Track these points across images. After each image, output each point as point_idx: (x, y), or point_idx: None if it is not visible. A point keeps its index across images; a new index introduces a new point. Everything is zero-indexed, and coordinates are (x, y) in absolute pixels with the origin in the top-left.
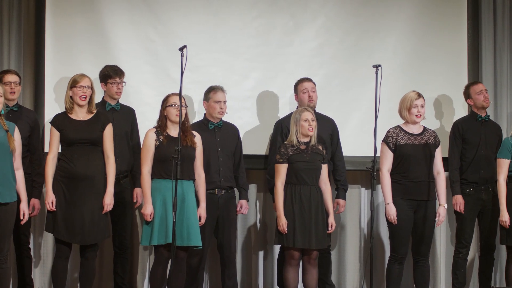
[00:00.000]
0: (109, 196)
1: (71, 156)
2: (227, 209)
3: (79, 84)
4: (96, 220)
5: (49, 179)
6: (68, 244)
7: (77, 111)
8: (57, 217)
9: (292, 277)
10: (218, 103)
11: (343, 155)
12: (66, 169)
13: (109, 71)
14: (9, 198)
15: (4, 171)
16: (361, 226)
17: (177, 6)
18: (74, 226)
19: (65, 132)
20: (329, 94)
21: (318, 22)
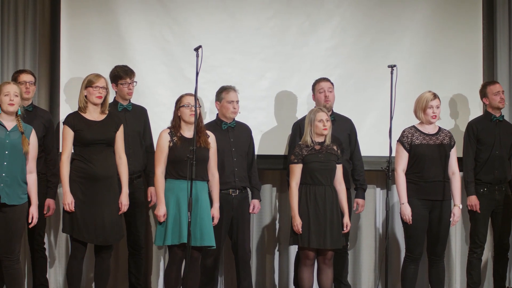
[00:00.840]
0: (126, 197)
1: (89, 156)
2: (242, 209)
3: (95, 85)
4: (115, 220)
5: (66, 180)
6: (84, 244)
7: (91, 111)
8: (76, 217)
9: (307, 277)
10: (231, 103)
11: (361, 155)
12: (84, 170)
13: (120, 71)
14: (17, 200)
15: (14, 173)
16: (376, 226)
17: (192, 6)
18: (95, 227)
19: (82, 133)
20: (344, 94)
21: (334, 22)
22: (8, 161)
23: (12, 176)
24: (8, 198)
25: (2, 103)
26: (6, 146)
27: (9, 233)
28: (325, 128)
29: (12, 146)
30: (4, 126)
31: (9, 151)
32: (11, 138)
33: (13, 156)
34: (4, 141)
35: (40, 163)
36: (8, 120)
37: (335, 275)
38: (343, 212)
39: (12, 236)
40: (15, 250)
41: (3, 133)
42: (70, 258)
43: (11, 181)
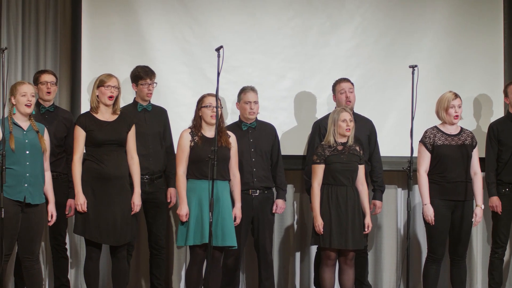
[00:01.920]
0: (138, 197)
1: (101, 157)
2: (263, 210)
3: (106, 84)
4: (127, 220)
5: (78, 180)
6: (98, 245)
7: (103, 112)
8: (88, 218)
9: (329, 277)
10: (248, 104)
11: (380, 157)
12: (96, 170)
13: (140, 72)
14: (38, 199)
15: (35, 173)
16: (398, 227)
17: (213, 7)
18: (107, 227)
19: (94, 133)
20: (365, 94)
21: (354, 23)
22: (30, 160)
23: (35, 175)
24: (32, 198)
25: (19, 104)
26: (26, 146)
27: (31, 233)
28: (348, 128)
29: (32, 145)
30: (21, 127)
31: (30, 151)
32: (29, 137)
33: (33, 156)
34: (24, 141)
35: (62, 164)
36: (22, 120)
37: (356, 275)
38: (364, 212)
39: (33, 237)
40: (36, 251)
41: (21, 134)
42: (85, 259)
43: (34, 180)
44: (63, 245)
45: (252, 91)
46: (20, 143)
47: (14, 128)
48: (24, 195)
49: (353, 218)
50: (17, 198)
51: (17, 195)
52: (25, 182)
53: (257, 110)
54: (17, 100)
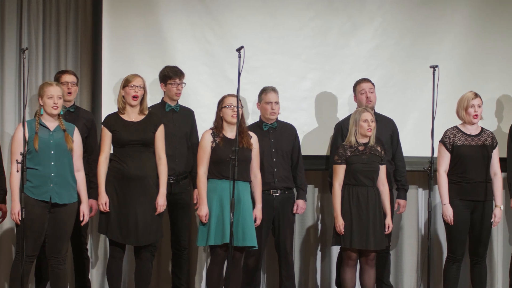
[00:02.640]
0: (162, 197)
1: (124, 157)
2: (284, 210)
3: (131, 84)
4: (149, 221)
5: (102, 180)
6: (121, 245)
7: (129, 112)
8: (110, 218)
9: (350, 277)
10: (269, 104)
11: (403, 156)
12: (118, 170)
13: (169, 72)
14: (67, 199)
15: (62, 172)
16: (419, 227)
17: (234, 7)
18: (127, 227)
19: (118, 133)
20: (386, 95)
21: (375, 23)
22: (55, 160)
23: (61, 175)
24: (59, 198)
25: (46, 106)
26: (51, 146)
27: (58, 233)
28: (370, 128)
29: (57, 145)
30: (47, 127)
31: (55, 151)
32: (55, 137)
33: (59, 155)
34: (49, 142)
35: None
36: (50, 121)
37: (377, 275)
38: (385, 213)
39: (61, 236)
40: (63, 250)
41: (47, 134)
42: (109, 258)
43: (60, 180)
44: (84, 245)
45: (273, 91)
46: (44, 143)
47: (40, 129)
48: (50, 195)
49: (374, 218)
50: (43, 198)
51: (42, 195)
52: (50, 182)
53: (278, 110)
54: (44, 102)
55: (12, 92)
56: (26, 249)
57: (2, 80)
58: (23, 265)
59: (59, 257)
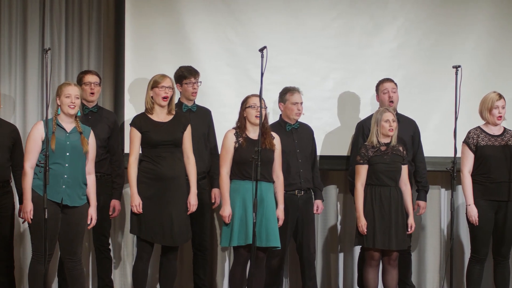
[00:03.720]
0: (194, 197)
1: (157, 157)
2: (306, 210)
3: (161, 85)
4: (183, 221)
5: (134, 182)
6: (151, 245)
7: (158, 112)
8: (144, 218)
9: (372, 277)
10: (295, 105)
11: (424, 157)
12: (152, 171)
13: (184, 71)
14: (78, 202)
15: (75, 174)
16: (441, 227)
17: (256, 7)
18: (163, 228)
19: (149, 134)
20: (409, 95)
21: (398, 23)
22: (70, 162)
23: (74, 177)
24: (70, 200)
25: (63, 105)
26: (67, 148)
27: (70, 234)
28: (391, 128)
29: (73, 147)
30: (64, 128)
31: (70, 153)
32: (71, 139)
33: (74, 158)
34: (65, 143)
35: (105, 164)
36: (67, 122)
37: (400, 275)
38: (408, 213)
39: (74, 238)
40: (77, 252)
41: (63, 135)
42: (136, 259)
43: (72, 182)
44: (107, 246)
45: (299, 92)
46: (60, 144)
47: (57, 129)
48: (61, 197)
49: (396, 218)
50: (55, 199)
51: (55, 196)
52: (62, 184)
53: (302, 111)
54: (61, 101)
55: (34, 93)
56: (40, 248)
57: (25, 81)
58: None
59: (75, 259)
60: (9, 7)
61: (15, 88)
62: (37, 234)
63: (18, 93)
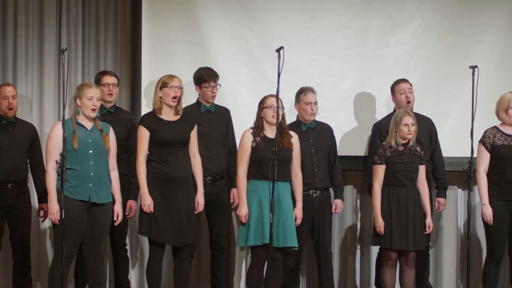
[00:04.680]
0: (201, 196)
1: (165, 157)
2: (323, 210)
3: (170, 85)
4: (190, 221)
5: (144, 181)
6: (162, 246)
7: (166, 112)
8: (154, 219)
9: (389, 278)
10: (308, 105)
11: (442, 154)
12: (160, 171)
13: (203, 74)
14: (105, 198)
15: (100, 171)
16: (458, 227)
17: (273, 7)
18: (172, 228)
19: (158, 133)
20: (425, 95)
21: (414, 24)
22: (94, 160)
23: (99, 174)
24: (98, 197)
25: (85, 107)
26: (89, 146)
27: (96, 233)
28: (410, 132)
29: (95, 144)
30: (84, 127)
31: (93, 150)
32: (92, 137)
33: (97, 155)
34: (87, 141)
35: (123, 165)
36: (87, 120)
37: (417, 275)
38: (425, 213)
39: (99, 236)
40: (101, 251)
41: (84, 133)
42: (149, 259)
43: (99, 180)
44: (124, 246)
45: (312, 92)
46: (83, 143)
47: (77, 128)
48: (89, 195)
49: (413, 218)
50: (82, 198)
51: (82, 195)
52: (89, 182)
53: (316, 110)
54: (83, 103)
55: (51, 93)
56: (65, 250)
57: (42, 81)
58: (62, 266)
59: (98, 258)
60: (26, 8)
61: (32, 89)
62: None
63: (35, 94)
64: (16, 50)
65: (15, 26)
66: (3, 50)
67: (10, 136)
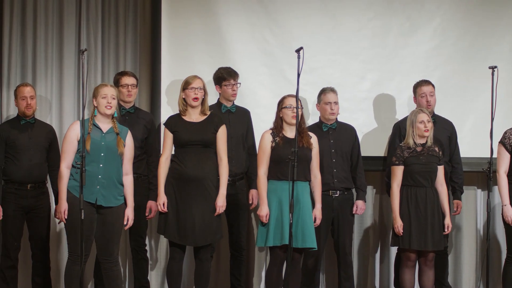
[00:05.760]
0: (222, 198)
1: (183, 157)
2: (343, 211)
3: (191, 86)
4: (207, 222)
5: (162, 181)
6: (181, 246)
7: (191, 113)
8: (168, 219)
9: (409, 278)
10: (328, 105)
11: (461, 158)
12: (177, 171)
13: (223, 73)
14: (113, 202)
15: (110, 175)
16: (477, 228)
17: (293, 8)
18: (185, 228)
19: (178, 134)
20: (445, 95)
21: (434, 24)
22: (104, 163)
23: (108, 178)
24: (105, 200)
25: (100, 106)
26: (101, 148)
27: (107, 235)
28: (427, 129)
29: (108, 148)
30: (100, 128)
31: (105, 153)
32: (106, 140)
33: (108, 158)
34: (100, 143)
35: (143, 165)
36: (104, 122)
37: (436, 276)
38: (444, 213)
39: (110, 238)
40: (114, 252)
41: (99, 135)
42: (169, 260)
43: (107, 183)
44: (143, 247)
45: (332, 92)
46: (96, 145)
47: (93, 130)
48: (96, 197)
49: (432, 219)
50: (89, 199)
51: (89, 196)
52: (97, 184)
53: (337, 110)
54: (98, 102)
55: (71, 94)
56: (76, 249)
57: (61, 82)
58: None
59: (111, 259)
60: (45, 9)
61: (51, 89)
62: (72, 235)
63: (55, 95)
64: (36, 51)
65: (35, 27)
66: (22, 51)
67: (29, 136)
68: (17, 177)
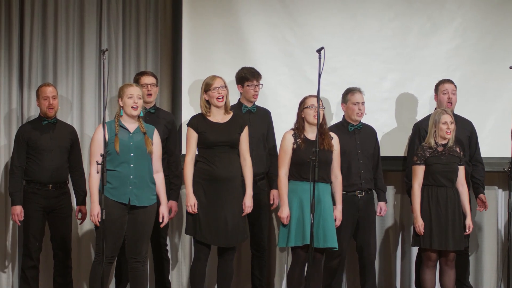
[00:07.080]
0: (249, 199)
1: (212, 158)
2: (367, 211)
3: (213, 86)
4: (237, 222)
5: (190, 182)
6: (208, 246)
7: (215, 113)
8: (199, 219)
9: (429, 278)
10: (356, 105)
11: (481, 157)
12: (207, 171)
13: (246, 73)
14: (146, 201)
15: (141, 174)
16: (498, 228)
17: (313, 8)
18: (217, 228)
19: (205, 135)
20: (466, 95)
21: (455, 24)
22: (134, 163)
23: (140, 177)
24: (138, 200)
25: (126, 106)
26: (130, 149)
27: (137, 234)
28: (449, 131)
29: (137, 147)
30: (127, 129)
31: (134, 153)
32: (135, 140)
33: (138, 158)
34: (128, 144)
35: (163, 165)
36: (130, 122)
37: (457, 276)
38: (465, 213)
39: (140, 237)
40: (142, 252)
41: (127, 136)
42: (193, 259)
43: (139, 182)
44: (164, 247)
45: (360, 92)
46: (124, 146)
47: (120, 130)
48: (128, 197)
49: (453, 219)
50: (122, 200)
51: (122, 197)
52: (129, 184)
53: (364, 111)
54: (124, 102)
55: (92, 94)
56: (105, 251)
57: (82, 82)
58: (103, 267)
59: (139, 259)
60: (66, 9)
61: (72, 89)
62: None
63: (75, 95)
64: (57, 51)
65: (56, 27)
66: (43, 51)
67: (51, 137)
68: (39, 177)
